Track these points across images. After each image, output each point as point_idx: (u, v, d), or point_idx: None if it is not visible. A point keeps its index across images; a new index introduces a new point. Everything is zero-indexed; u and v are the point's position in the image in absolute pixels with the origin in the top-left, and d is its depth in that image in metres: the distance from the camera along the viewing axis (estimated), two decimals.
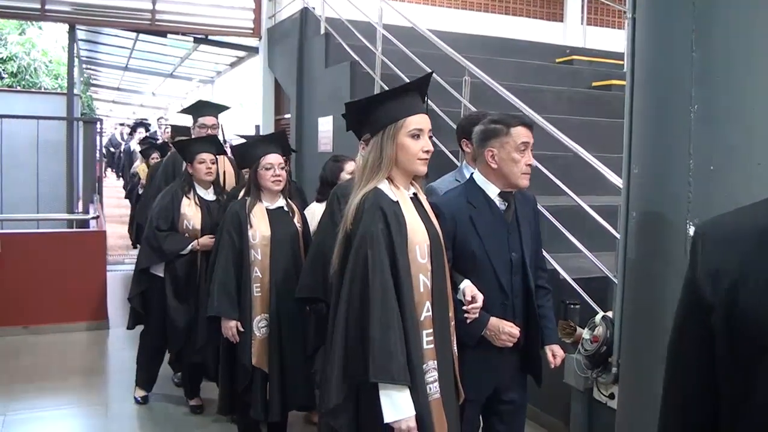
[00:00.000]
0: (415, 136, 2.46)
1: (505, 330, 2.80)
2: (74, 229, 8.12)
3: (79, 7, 9.65)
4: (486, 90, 5.71)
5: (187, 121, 5.62)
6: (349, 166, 4.36)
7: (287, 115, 9.89)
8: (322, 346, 3.62)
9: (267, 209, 3.88)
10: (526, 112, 4.94)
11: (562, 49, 10.04)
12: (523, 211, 2.98)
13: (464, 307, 2.68)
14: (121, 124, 17.98)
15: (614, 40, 10.79)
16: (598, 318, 3.84)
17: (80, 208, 10.37)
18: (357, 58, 7.14)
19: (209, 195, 4.66)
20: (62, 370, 5.57)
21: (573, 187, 4.61)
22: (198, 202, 4.57)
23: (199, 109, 5.24)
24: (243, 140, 5.30)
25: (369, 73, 6.91)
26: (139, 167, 8.68)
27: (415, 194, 2.58)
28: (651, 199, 3.05)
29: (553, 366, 3.01)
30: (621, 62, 9.56)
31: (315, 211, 4.24)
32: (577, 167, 5.08)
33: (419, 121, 2.48)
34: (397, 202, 2.46)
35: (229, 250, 3.80)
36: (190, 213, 4.53)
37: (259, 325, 3.77)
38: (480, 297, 2.70)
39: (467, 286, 2.71)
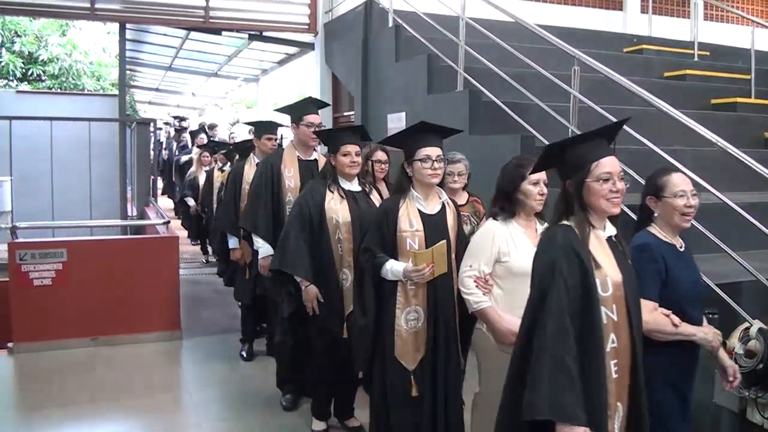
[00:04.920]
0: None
1: None
2: (145, 236, 7.85)
3: (129, 6, 9.41)
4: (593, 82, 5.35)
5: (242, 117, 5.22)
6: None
7: (347, 113, 9.57)
8: None
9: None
10: (658, 105, 4.57)
11: (628, 38, 9.64)
12: None
13: None
14: (166, 123, 17.65)
15: (678, 28, 10.36)
16: (753, 330, 3.45)
17: (133, 212, 10.15)
18: (436, 50, 6.76)
19: (354, 185, 4.18)
20: (144, 386, 5.25)
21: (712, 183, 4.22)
22: (342, 194, 4.10)
23: (306, 106, 4.82)
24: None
25: (449, 66, 6.52)
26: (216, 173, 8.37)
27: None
28: None
29: None
30: (691, 51, 9.15)
31: (496, 232, 3.34)
32: (708, 161, 4.74)
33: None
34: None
35: None
36: (336, 206, 4.06)
37: None
38: None
39: None
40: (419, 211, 3.51)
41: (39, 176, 9.38)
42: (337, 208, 4.05)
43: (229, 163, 8.48)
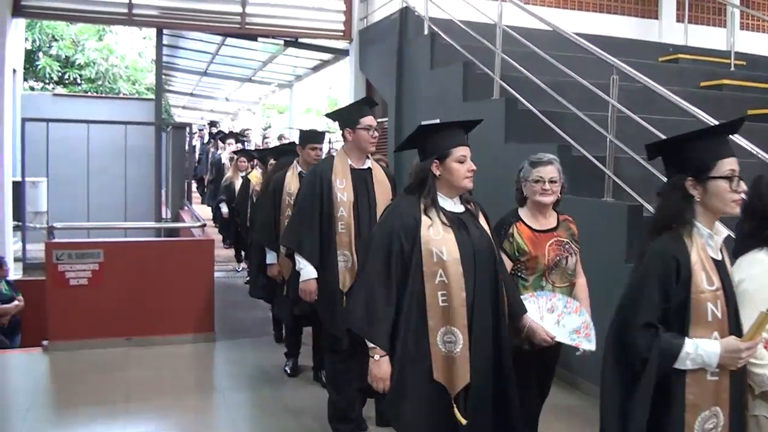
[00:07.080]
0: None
1: None
2: (182, 238, 7.91)
3: (166, 11, 9.53)
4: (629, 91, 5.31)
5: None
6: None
7: (381, 120, 9.57)
8: None
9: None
10: (697, 115, 4.52)
11: (664, 47, 9.56)
12: None
13: None
14: (201, 129, 17.76)
15: (715, 38, 10.26)
16: None
17: (167, 215, 10.26)
18: (472, 58, 6.76)
19: (456, 205, 2.88)
20: (178, 387, 5.27)
21: None
22: (445, 219, 2.78)
23: (362, 108, 4.17)
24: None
25: (485, 74, 6.52)
26: (252, 174, 8.33)
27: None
28: None
29: None
30: (727, 61, 9.05)
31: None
32: (746, 172, 4.66)
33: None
34: None
35: None
36: (437, 236, 2.75)
37: None
38: None
39: None
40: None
41: (74, 178, 9.56)
42: (439, 239, 2.73)
43: (259, 168, 8.44)
